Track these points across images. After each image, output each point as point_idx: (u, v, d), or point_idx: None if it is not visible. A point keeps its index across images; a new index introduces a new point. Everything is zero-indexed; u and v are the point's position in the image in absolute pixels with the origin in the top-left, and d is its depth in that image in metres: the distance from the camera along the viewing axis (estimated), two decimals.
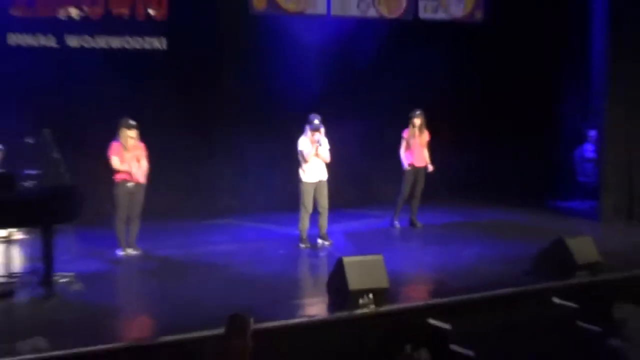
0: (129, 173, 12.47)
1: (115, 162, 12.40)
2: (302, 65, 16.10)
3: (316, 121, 13.03)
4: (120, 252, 12.47)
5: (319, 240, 13.29)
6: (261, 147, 15.73)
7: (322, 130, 13.07)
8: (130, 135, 12.47)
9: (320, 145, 13.05)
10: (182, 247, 13.22)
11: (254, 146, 15.81)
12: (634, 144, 15.47)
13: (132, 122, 12.51)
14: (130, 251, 12.56)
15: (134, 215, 12.63)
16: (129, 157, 12.46)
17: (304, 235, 13.22)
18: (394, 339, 8.80)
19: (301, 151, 13.11)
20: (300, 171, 13.19)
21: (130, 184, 12.46)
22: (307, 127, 13.08)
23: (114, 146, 12.41)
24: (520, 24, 17.86)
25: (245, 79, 16.19)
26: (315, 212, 13.24)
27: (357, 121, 16.15)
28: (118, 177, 12.42)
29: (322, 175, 13.23)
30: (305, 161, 13.09)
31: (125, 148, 12.43)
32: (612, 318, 6.77)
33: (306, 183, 13.15)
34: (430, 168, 14.85)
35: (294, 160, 14.07)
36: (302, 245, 13.19)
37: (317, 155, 13.08)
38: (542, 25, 17.67)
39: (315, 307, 9.80)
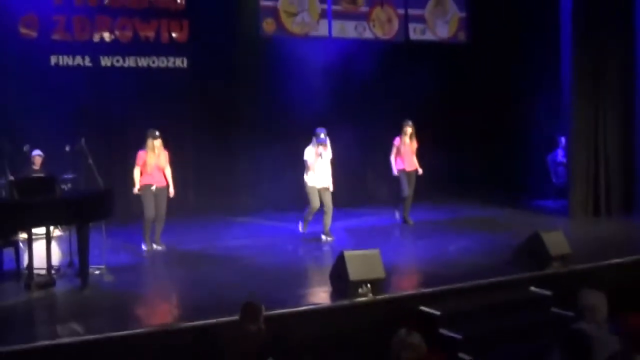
0: (152, 177, 12.35)
1: (136, 172, 12.36)
2: (308, 81, 16.04)
3: (322, 135, 12.95)
4: (144, 247, 12.37)
5: (323, 236, 13.20)
6: (272, 154, 15.68)
7: (328, 142, 13.03)
8: (155, 145, 12.35)
9: (322, 158, 13.00)
10: (203, 241, 13.16)
11: (266, 152, 15.75)
12: (599, 149, 15.42)
13: (157, 133, 12.37)
14: (155, 247, 12.46)
15: (159, 215, 12.51)
16: (153, 164, 12.34)
17: (306, 223, 13.39)
18: (389, 324, 8.70)
19: (306, 160, 13.03)
20: (305, 176, 13.12)
21: (153, 187, 12.33)
22: (314, 139, 13.00)
23: (140, 154, 12.31)
24: (498, 42, 17.88)
25: (258, 94, 16.27)
26: (321, 211, 13.16)
27: (355, 130, 16.13)
28: (143, 181, 12.31)
29: (326, 182, 13.14)
30: (309, 169, 13.03)
31: (150, 156, 12.30)
32: (578, 303, 6.67)
33: (310, 187, 13.08)
34: (420, 172, 14.74)
35: (301, 165, 14.07)
36: (300, 229, 13.44)
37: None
38: (517, 43, 17.63)
39: (320, 296, 9.69)
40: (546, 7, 16.09)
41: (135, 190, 12.37)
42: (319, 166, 13.04)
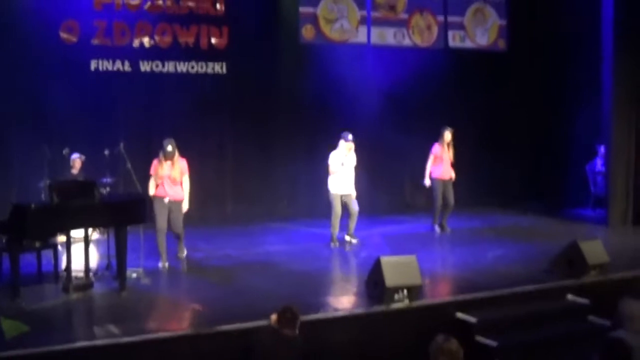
0: (165, 189, 11.59)
1: (151, 182, 11.63)
2: (346, 87, 16.08)
3: (350, 137, 12.99)
4: (159, 264, 11.55)
5: (347, 237, 13.28)
6: (310, 161, 15.73)
7: (353, 148, 13.10)
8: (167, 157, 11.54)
9: (344, 165, 13.04)
10: (240, 248, 13.15)
11: (304, 159, 15.81)
12: (638, 158, 15.37)
13: (169, 146, 11.50)
14: (180, 257, 11.81)
15: (175, 230, 11.72)
16: (165, 175, 11.55)
17: (334, 236, 13.18)
18: (425, 331, 8.69)
19: (329, 165, 13.06)
20: (329, 182, 13.15)
21: (166, 200, 11.57)
22: (340, 143, 13.05)
23: (154, 163, 11.69)
24: (538, 51, 17.82)
25: (296, 100, 16.30)
26: (346, 214, 13.26)
27: (394, 137, 16.13)
28: (156, 192, 11.63)
29: (348, 189, 13.17)
30: (331, 173, 13.02)
31: (161, 166, 11.53)
32: (618, 312, 6.63)
33: (333, 194, 13.12)
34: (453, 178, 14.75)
35: None
36: (332, 244, 13.19)
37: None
38: (557, 51, 17.53)
39: (356, 302, 9.71)
40: (587, 16, 16.05)
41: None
42: (342, 172, 13.05)
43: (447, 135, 14.49)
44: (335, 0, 16.62)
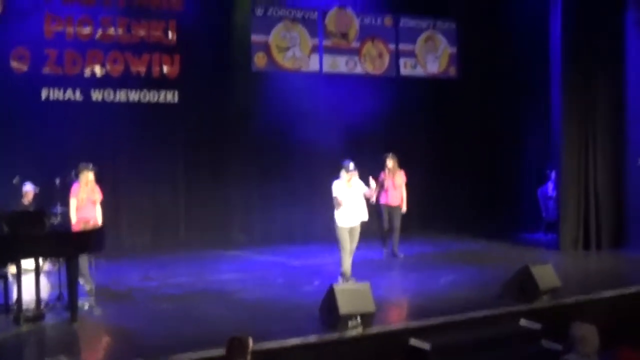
0: (87, 211, 11.80)
1: (72, 204, 11.76)
2: (299, 115, 16.09)
3: (351, 166, 12.08)
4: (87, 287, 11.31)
5: (340, 278, 12.23)
6: (263, 188, 15.75)
7: (356, 173, 12.19)
8: (88, 178, 11.83)
9: (352, 188, 12.11)
10: (193, 275, 13.09)
11: (257, 186, 15.84)
12: (589, 183, 15.53)
13: (91, 166, 11.89)
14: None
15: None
16: (85, 198, 11.82)
17: (348, 274, 12.19)
18: (380, 358, 8.69)
19: (335, 197, 12.06)
20: (335, 216, 12.17)
21: (90, 222, 11.61)
22: (341, 173, 12.15)
23: (74, 188, 11.84)
24: (489, 77, 17.99)
25: (249, 128, 16.36)
26: None
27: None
28: (79, 215, 11.73)
29: (357, 219, 12.23)
30: (339, 205, 12.06)
31: (82, 190, 11.79)
32: (569, 335, 6.68)
33: (341, 228, 12.13)
34: (404, 209, 14.79)
35: (291, 199, 14.08)
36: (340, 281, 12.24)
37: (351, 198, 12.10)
38: (508, 78, 17.73)
39: (310, 329, 9.59)
40: (536, 45, 16.26)
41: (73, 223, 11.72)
42: (349, 200, 12.11)
43: (389, 162, 14.66)
44: (287, 28, 16.64)
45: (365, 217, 12.41)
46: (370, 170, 14.85)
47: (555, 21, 15.35)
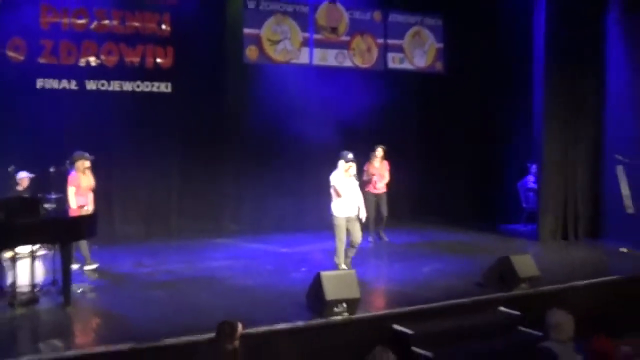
0: (85, 198, 12.25)
1: (70, 192, 12.16)
2: (290, 106, 16.19)
3: (350, 155, 12.17)
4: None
5: (343, 265, 12.26)
6: (255, 177, 15.86)
7: (354, 166, 12.25)
8: (85, 166, 12.28)
9: (351, 178, 12.19)
10: (184, 262, 13.23)
11: (249, 176, 15.98)
12: (568, 175, 15.79)
13: (87, 155, 12.39)
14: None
15: None
16: (85, 186, 12.30)
17: (341, 267, 12.12)
18: (364, 342, 8.83)
19: (334, 186, 12.10)
20: (333, 206, 12.21)
21: (87, 208, 12.05)
22: (340, 163, 12.21)
23: (73, 176, 12.23)
24: (474, 72, 18.08)
25: (241, 119, 16.41)
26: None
27: (333, 154, 16.25)
28: (78, 203, 12.12)
29: (355, 210, 12.22)
30: (339, 196, 12.08)
31: (82, 178, 12.21)
32: (546, 322, 6.85)
33: (338, 218, 12.11)
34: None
35: (282, 188, 14.21)
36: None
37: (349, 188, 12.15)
38: (493, 73, 17.87)
39: (297, 315, 9.77)
40: (520, 41, 16.37)
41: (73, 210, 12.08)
42: (349, 191, 12.14)
43: (379, 151, 15.01)
44: (278, 22, 16.77)
45: (362, 207, 12.41)
46: (358, 161, 15.10)
47: (538, 19, 15.54)
